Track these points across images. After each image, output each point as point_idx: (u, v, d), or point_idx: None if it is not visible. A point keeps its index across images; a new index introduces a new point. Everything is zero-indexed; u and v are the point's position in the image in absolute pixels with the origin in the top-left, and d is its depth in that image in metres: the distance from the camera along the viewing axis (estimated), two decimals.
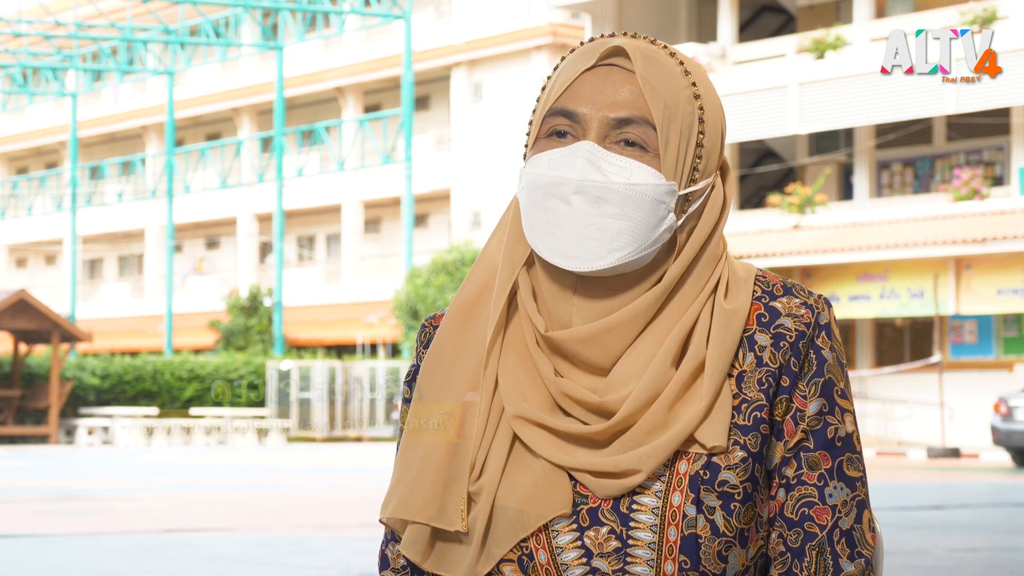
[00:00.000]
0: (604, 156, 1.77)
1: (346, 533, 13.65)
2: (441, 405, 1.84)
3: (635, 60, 1.78)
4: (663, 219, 1.77)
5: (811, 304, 1.83)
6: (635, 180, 1.76)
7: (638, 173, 1.76)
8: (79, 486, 20.63)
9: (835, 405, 1.82)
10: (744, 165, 38.35)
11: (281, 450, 35.47)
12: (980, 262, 30.77)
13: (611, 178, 1.76)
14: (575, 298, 1.81)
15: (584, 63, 1.80)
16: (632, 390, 1.77)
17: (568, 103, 1.79)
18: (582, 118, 1.78)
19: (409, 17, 42.68)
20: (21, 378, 39.38)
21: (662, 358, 1.78)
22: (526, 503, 1.77)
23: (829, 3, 37.48)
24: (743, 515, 1.77)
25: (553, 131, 1.80)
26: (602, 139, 1.78)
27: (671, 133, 1.78)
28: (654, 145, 1.77)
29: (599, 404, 1.77)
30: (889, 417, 32.22)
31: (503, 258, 1.85)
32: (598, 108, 1.78)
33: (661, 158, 1.77)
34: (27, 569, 10.80)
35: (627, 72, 1.79)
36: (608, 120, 1.77)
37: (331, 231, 55.37)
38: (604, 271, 1.77)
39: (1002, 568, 11.27)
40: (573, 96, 1.79)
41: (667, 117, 1.77)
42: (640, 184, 1.76)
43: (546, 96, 1.82)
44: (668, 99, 1.78)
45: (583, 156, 1.76)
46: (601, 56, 1.80)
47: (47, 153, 66.25)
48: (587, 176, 1.76)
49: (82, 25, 49.53)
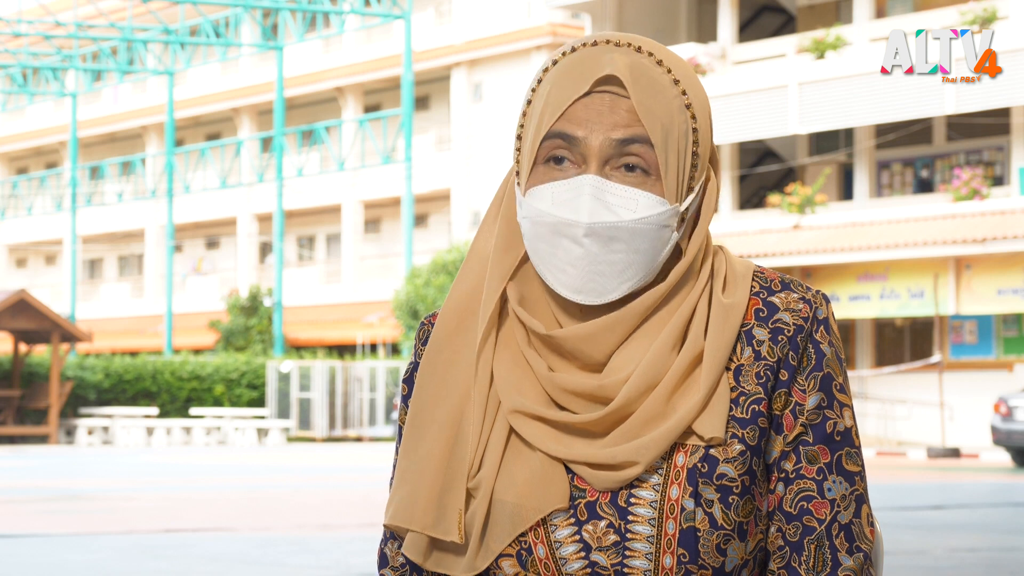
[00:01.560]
0: (609, 189, 1.76)
1: (346, 533, 13.66)
2: (439, 405, 1.84)
3: (628, 86, 1.77)
4: (668, 241, 1.79)
5: (809, 299, 1.84)
6: (642, 213, 1.76)
7: (643, 204, 1.77)
8: (79, 486, 20.63)
9: (834, 399, 1.82)
10: (744, 165, 38.35)
11: (281, 450, 35.46)
12: (980, 262, 30.77)
13: (620, 216, 1.76)
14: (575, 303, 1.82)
15: (577, 89, 1.78)
16: (630, 374, 1.77)
17: (565, 127, 1.78)
18: (581, 142, 1.77)
19: (409, 17, 42.68)
20: (21, 378, 39.38)
21: (662, 344, 1.78)
22: (524, 497, 1.78)
23: (829, 3, 37.47)
24: (741, 508, 1.77)
25: (551, 156, 1.79)
26: (603, 164, 1.77)
27: (669, 153, 1.78)
28: (655, 166, 1.77)
29: (598, 388, 1.77)
30: (889, 417, 32.22)
31: (491, 266, 1.84)
32: (598, 131, 1.77)
33: (663, 181, 1.78)
34: (27, 569, 10.80)
35: (622, 98, 1.78)
36: (609, 142, 1.77)
37: (331, 231, 55.37)
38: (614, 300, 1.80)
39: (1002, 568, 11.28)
40: (570, 120, 1.78)
41: (664, 136, 1.78)
42: (647, 216, 1.77)
43: (538, 119, 1.80)
44: (664, 119, 1.78)
45: (589, 193, 1.76)
46: (594, 84, 1.78)
47: (47, 153, 66.26)
48: (596, 218, 1.76)
49: (82, 25, 49.54)
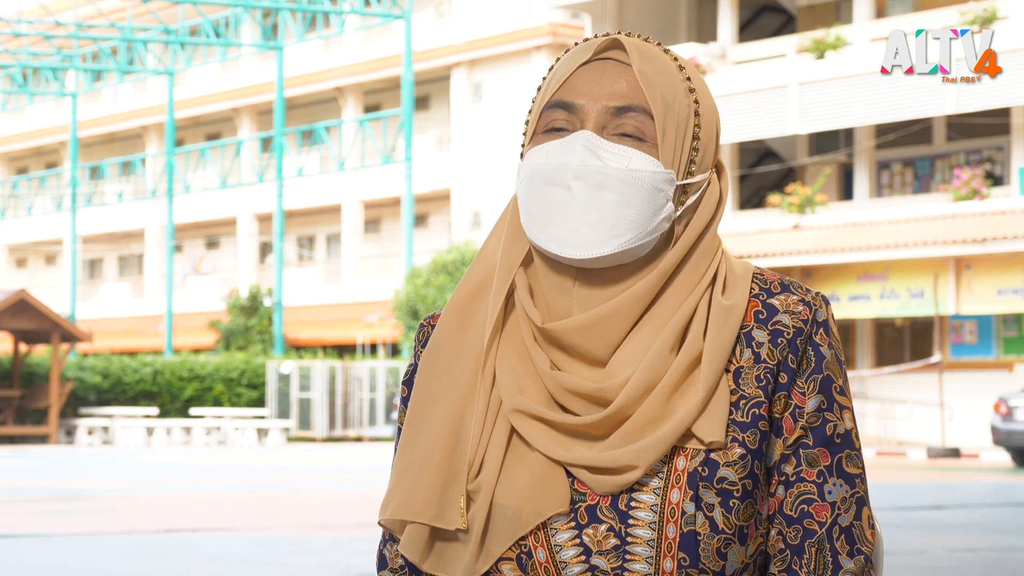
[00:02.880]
0: (602, 145, 1.78)
1: (346, 533, 13.66)
2: (439, 402, 1.84)
3: (631, 53, 1.81)
4: (662, 207, 1.79)
5: (809, 301, 1.83)
6: (634, 166, 1.78)
7: (636, 160, 1.78)
8: (79, 486, 20.63)
9: (834, 402, 1.82)
10: (744, 165, 38.34)
11: (281, 450, 35.46)
12: (980, 262, 30.77)
13: (610, 164, 1.78)
14: (575, 290, 1.81)
15: (581, 58, 1.82)
16: (630, 375, 1.77)
17: (565, 96, 1.81)
18: (580, 109, 1.80)
19: (409, 17, 42.68)
20: (21, 378, 39.38)
21: (661, 345, 1.78)
22: (524, 501, 1.77)
23: (829, 3, 37.47)
24: (742, 512, 1.77)
25: (551, 126, 1.82)
26: (600, 129, 1.80)
27: (668, 124, 1.80)
28: (652, 136, 1.79)
29: (596, 390, 1.77)
30: (889, 417, 32.22)
31: (501, 258, 1.85)
32: (596, 99, 1.80)
33: (659, 148, 1.79)
34: (27, 569, 10.81)
35: (624, 65, 1.81)
36: (606, 109, 1.79)
37: (331, 231, 55.37)
38: (605, 258, 1.78)
39: (1002, 568, 11.28)
40: (570, 89, 1.81)
41: (664, 108, 1.80)
42: (639, 170, 1.78)
43: (543, 92, 1.84)
44: (664, 91, 1.80)
45: (582, 144, 1.78)
46: (597, 50, 1.82)
47: (47, 153, 66.26)
48: (587, 161, 1.78)
49: (82, 25, 49.54)
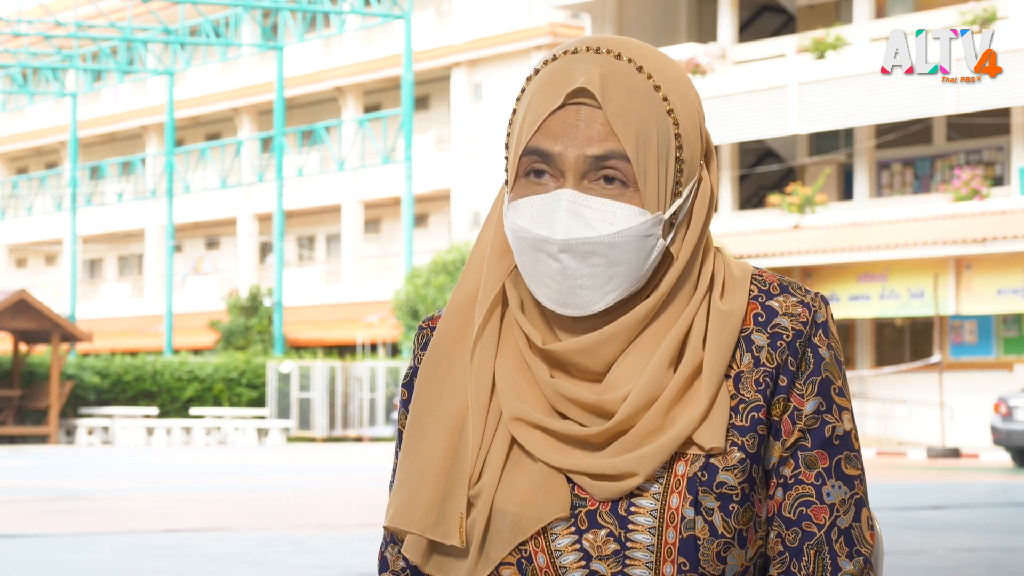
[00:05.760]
0: (586, 203, 1.75)
1: (346, 533, 13.66)
2: (439, 409, 1.83)
3: (600, 98, 1.75)
4: (652, 249, 1.77)
5: (808, 302, 1.82)
6: (620, 226, 1.74)
7: (621, 216, 1.75)
8: (79, 486, 20.63)
9: (832, 403, 1.81)
10: (744, 165, 38.34)
11: (281, 450, 35.47)
12: (980, 262, 30.77)
13: (598, 230, 1.74)
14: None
15: (552, 102, 1.77)
16: (630, 391, 1.76)
17: (541, 143, 1.76)
18: (558, 157, 1.76)
19: (409, 17, 42.68)
20: (21, 378, 39.39)
21: (660, 360, 1.77)
22: (524, 506, 1.77)
23: (829, 3, 37.47)
24: (741, 516, 1.77)
25: (531, 170, 1.78)
26: (580, 179, 1.75)
27: (648, 164, 1.76)
28: (633, 178, 1.75)
29: (596, 403, 1.76)
30: (889, 417, 32.22)
31: (485, 274, 1.83)
32: (573, 147, 1.75)
33: (642, 191, 1.75)
34: (27, 569, 10.80)
35: (595, 109, 1.76)
36: (584, 158, 1.75)
37: (331, 231, 55.37)
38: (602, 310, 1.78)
39: (1002, 568, 11.27)
40: (546, 135, 1.76)
41: (641, 148, 1.75)
42: (625, 229, 1.74)
43: (518, 133, 1.79)
44: (640, 128, 1.75)
45: (565, 208, 1.75)
46: (567, 97, 1.76)
47: (47, 153, 66.27)
48: (572, 234, 1.74)
49: (82, 25, 49.55)
